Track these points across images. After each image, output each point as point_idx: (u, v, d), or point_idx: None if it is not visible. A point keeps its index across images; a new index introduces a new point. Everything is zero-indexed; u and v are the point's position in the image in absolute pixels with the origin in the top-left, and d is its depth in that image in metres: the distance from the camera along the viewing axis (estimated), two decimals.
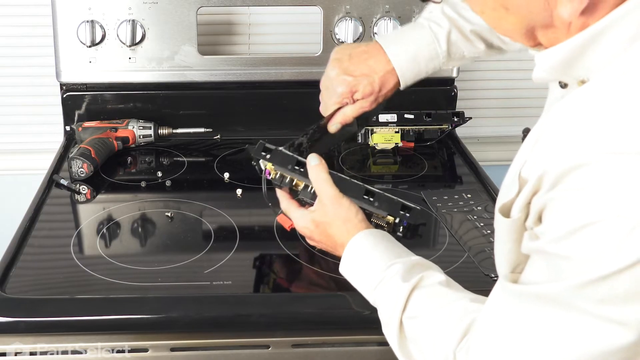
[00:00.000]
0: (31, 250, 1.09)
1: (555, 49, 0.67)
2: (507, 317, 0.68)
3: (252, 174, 1.36)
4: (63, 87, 1.47)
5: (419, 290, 0.83)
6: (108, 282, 1.00)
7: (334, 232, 0.95)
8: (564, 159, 0.61)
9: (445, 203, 1.22)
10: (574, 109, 0.65)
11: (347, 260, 0.93)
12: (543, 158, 0.64)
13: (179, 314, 0.95)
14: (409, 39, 1.09)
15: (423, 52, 1.08)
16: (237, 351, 0.97)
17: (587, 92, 0.65)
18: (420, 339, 0.79)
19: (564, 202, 0.61)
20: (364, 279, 0.89)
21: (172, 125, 1.46)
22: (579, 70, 0.67)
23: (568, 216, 0.61)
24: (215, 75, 1.47)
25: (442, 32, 1.08)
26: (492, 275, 1.01)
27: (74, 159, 1.30)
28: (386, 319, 0.84)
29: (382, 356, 0.98)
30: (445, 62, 1.10)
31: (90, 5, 1.40)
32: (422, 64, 1.08)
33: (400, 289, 0.83)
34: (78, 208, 1.29)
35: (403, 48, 1.08)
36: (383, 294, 0.85)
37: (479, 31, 1.09)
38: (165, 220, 1.19)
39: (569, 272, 0.61)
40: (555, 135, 0.65)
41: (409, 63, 1.08)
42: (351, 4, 1.44)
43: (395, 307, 0.82)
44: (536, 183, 0.64)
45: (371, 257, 0.90)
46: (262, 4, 1.46)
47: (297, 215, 1.00)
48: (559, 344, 0.63)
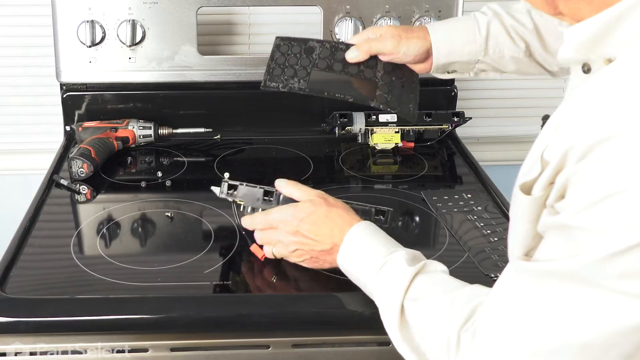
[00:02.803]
0: (31, 250, 1.08)
1: (584, 24, 0.66)
2: (520, 296, 0.66)
3: (252, 174, 1.36)
4: (63, 87, 1.47)
5: (423, 275, 0.83)
6: (108, 282, 1.00)
7: (335, 215, 0.97)
8: (591, 132, 0.60)
9: (445, 203, 1.22)
10: (601, 86, 0.64)
11: (347, 249, 0.93)
12: (567, 136, 0.63)
13: (179, 314, 0.95)
14: (451, 21, 1.15)
15: (460, 32, 1.10)
16: (237, 351, 0.97)
17: (614, 70, 0.64)
18: (422, 322, 0.78)
19: (590, 174, 0.60)
20: (365, 264, 0.90)
21: (172, 125, 1.46)
22: (607, 48, 0.65)
23: (593, 187, 0.60)
24: (215, 75, 1.47)
25: (484, 19, 1.11)
26: (492, 275, 1.01)
27: (74, 159, 1.30)
28: (386, 303, 0.83)
29: (382, 356, 0.98)
30: (483, 53, 1.10)
31: (90, 5, 1.40)
32: (458, 44, 1.10)
33: (404, 271, 0.83)
34: (78, 208, 1.29)
35: (443, 25, 1.13)
36: (385, 277, 0.85)
37: (520, 30, 1.09)
38: (165, 220, 1.19)
39: (590, 245, 0.60)
40: (581, 113, 0.63)
41: (445, 38, 1.10)
42: (351, 4, 1.44)
43: (397, 290, 0.82)
44: (561, 159, 0.63)
45: (374, 243, 0.91)
46: (262, 4, 1.46)
47: (284, 206, 1.01)
48: (578, 321, 0.61)
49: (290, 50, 1.12)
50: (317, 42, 1.12)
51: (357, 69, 1.10)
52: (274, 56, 1.12)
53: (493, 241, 1.09)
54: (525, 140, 1.70)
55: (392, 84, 1.09)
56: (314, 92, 1.07)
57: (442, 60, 1.10)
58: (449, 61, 1.11)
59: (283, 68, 1.10)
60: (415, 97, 1.11)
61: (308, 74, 1.09)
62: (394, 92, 1.08)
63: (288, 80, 1.08)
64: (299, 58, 1.11)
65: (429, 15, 1.44)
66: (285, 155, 1.45)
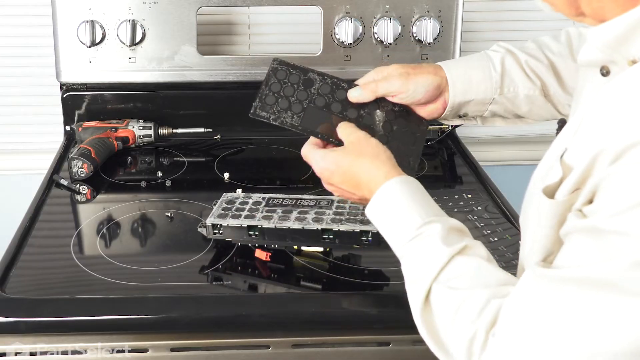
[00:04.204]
0: (31, 250, 1.08)
1: (611, 24, 0.65)
2: (547, 305, 0.63)
3: (252, 174, 1.36)
4: (63, 87, 1.47)
5: (461, 258, 0.76)
6: (108, 282, 1.00)
7: (358, 169, 0.89)
8: (622, 135, 0.59)
9: (445, 203, 1.22)
10: (628, 88, 0.62)
11: (378, 204, 0.86)
12: (594, 139, 0.62)
13: (179, 314, 0.95)
14: (464, 59, 1.08)
15: (476, 69, 1.04)
16: (237, 351, 0.97)
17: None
18: (449, 311, 0.73)
19: (624, 178, 0.59)
20: (396, 230, 0.83)
21: (172, 125, 1.46)
22: (632, 48, 0.64)
23: (628, 190, 0.58)
24: (215, 75, 1.47)
25: (497, 56, 1.05)
26: None
27: (74, 159, 1.30)
28: (413, 279, 0.78)
29: (382, 356, 0.98)
30: (499, 91, 1.04)
31: (90, 5, 1.40)
32: (474, 81, 1.02)
33: (438, 251, 0.77)
34: (78, 208, 1.29)
35: (456, 62, 1.07)
36: (416, 251, 0.79)
37: (535, 65, 1.04)
38: (165, 220, 1.19)
39: (625, 250, 0.58)
40: (608, 116, 0.62)
41: (461, 74, 1.03)
42: (351, 4, 1.44)
43: (428, 270, 0.76)
44: (590, 163, 0.62)
45: (407, 208, 0.83)
46: (262, 4, 1.46)
47: (319, 155, 0.93)
48: (609, 329, 0.59)
49: (288, 78, 1.01)
50: (318, 75, 1.02)
51: (357, 114, 0.99)
52: (268, 81, 1.01)
53: (493, 241, 1.09)
54: (525, 140, 1.70)
55: (392, 134, 0.99)
56: (307, 132, 0.98)
57: (459, 99, 1.03)
58: (465, 100, 1.04)
59: (277, 98, 0.99)
60: (418, 150, 1.01)
61: (303, 110, 0.99)
62: (392, 144, 0.97)
63: (281, 112, 0.98)
64: (296, 90, 1.00)
65: (429, 16, 1.44)
66: (285, 155, 1.45)
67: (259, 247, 1.05)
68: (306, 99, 1.00)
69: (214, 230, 1.06)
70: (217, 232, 1.06)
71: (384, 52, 1.47)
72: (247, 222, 1.04)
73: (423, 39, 1.45)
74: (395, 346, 0.96)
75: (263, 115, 0.98)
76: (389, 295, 0.91)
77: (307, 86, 1.01)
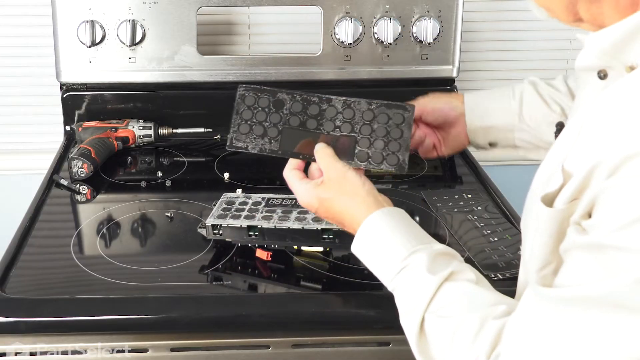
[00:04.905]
0: (31, 250, 1.08)
1: (609, 30, 0.64)
2: (549, 326, 0.62)
3: (252, 174, 1.36)
4: (63, 87, 1.47)
5: (450, 285, 0.76)
6: (108, 282, 1.00)
7: (339, 208, 0.89)
8: (620, 146, 0.58)
9: (445, 203, 1.22)
10: (625, 97, 0.61)
11: (362, 241, 0.86)
12: (592, 149, 0.61)
13: (179, 314, 0.95)
14: (488, 90, 1.15)
15: (495, 97, 1.11)
16: (237, 351, 0.97)
17: (638, 78, 0.62)
18: (444, 340, 0.73)
19: (622, 192, 0.57)
20: (382, 264, 0.83)
21: (172, 125, 1.46)
22: (630, 55, 0.63)
23: (628, 205, 0.57)
24: (215, 75, 1.47)
25: (518, 86, 1.11)
26: (492, 276, 1.01)
27: (74, 159, 1.30)
28: (406, 310, 0.78)
29: (382, 356, 0.98)
30: (518, 118, 1.09)
31: (90, 5, 1.40)
32: (492, 108, 1.09)
33: (426, 281, 0.77)
34: (78, 208, 1.29)
35: (478, 92, 1.14)
36: (405, 283, 0.79)
37: (555, 95, 1.08)
38: (165, 220, 1.19)
39: (626, 266, 0.57)
40: (606, 125, 0.61)
41: (478, 101, 1.10)
42: (351, 4, 1.44)
43: (419, 300, 0.76)
44: (587, 175, 0.61)
45: (390, 241, 0.83)
46: (262, 4, 1.46)
47: (302, 190, 0.93)
48: (615, 348, 0.58)
49: (258, 102, 1.00)
50: (287, 94, 1.00)
51: (333, 126, 0.98)
52: (239, 109, 1.00)
53: (493, 241, 1.09)
54: None
55: (374, 135, 0.98)
56: (288, 155, 0.96)
57: (476, 123, 1.09)
58: (484, 125, 1.10)
59: (251, 125, 0.99)
60: (405, 141, 0.98)
61: (280, 133, 0.97)
62: (376, 145, 0.96)
63: (257, 140, 0.97)
64: (268, 114, 0.99)
65: (429, 16, 1.44)
66: None
67: (260, 247, 1.05)
68: (280, 121, 0.99)
69: (214, 231, 1.06)
70: (217, 232, 1.06)
71: (383, 52, 1.47)
72: (247, 223, 1.04)
73: (423, 39, 1.45)
74: (395, 346, 0.96)
75: (240, 146, 0.98)
76: (389, 295, 0.90)
77: (278, 108, 0.99)
